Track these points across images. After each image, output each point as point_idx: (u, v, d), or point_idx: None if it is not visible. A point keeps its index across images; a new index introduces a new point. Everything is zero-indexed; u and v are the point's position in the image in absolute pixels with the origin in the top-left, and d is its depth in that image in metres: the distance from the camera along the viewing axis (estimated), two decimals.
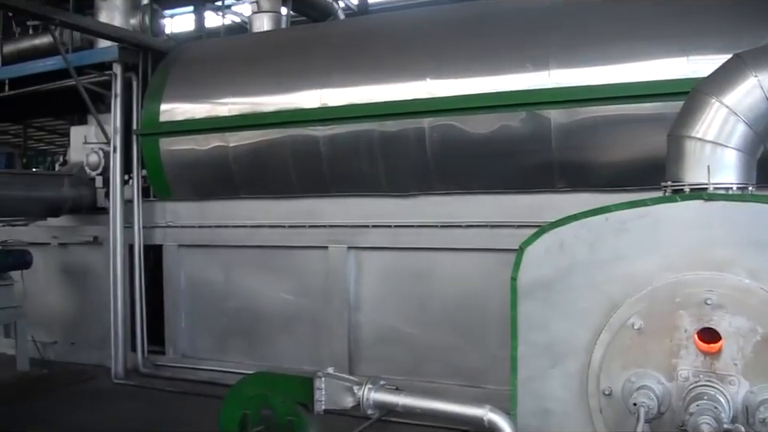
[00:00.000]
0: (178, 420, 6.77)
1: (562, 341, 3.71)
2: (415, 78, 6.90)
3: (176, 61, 8.58)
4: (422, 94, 6.81)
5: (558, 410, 3.71)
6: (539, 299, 3.78)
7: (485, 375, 6.67)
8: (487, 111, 6.53)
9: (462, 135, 6.70)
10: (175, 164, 8.22)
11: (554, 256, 3.78)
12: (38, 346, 9.12)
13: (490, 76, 6.60)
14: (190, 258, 8.35)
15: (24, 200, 8.74)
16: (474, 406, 3.51)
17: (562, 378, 3.71)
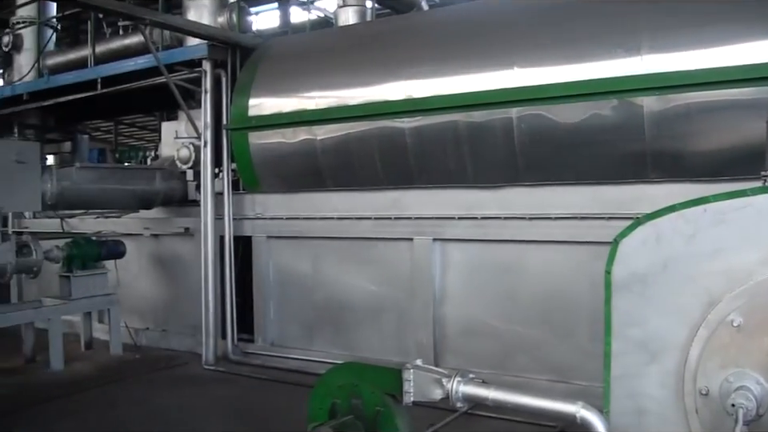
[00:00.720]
0: (267, 407, 6.91)
1: (658, 337, 3.58)
2: (502, 66, 6.80)
3: (264, 56, 8.73)
4: (509, 83, 6.69)
5: (653, 409, 3.58)
6: (635, 293, 3.66)
7: (574, 370, 6.54)
8: (577, 99, 6.37)
9: (550, 125, 6.56)
10: (264, 157, 8.38)
11: (651, 249, 3.65)
12: (130, 332, 9.50)
13: (580, 63, 6.42)
14: (278, 249, 8.50)
15: (118, 193, 9.12)
16: (566, 402, 3.44)
17: (657, 376, 3.57)
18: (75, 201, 8.80)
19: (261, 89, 8.43)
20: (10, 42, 12.27)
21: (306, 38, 9.44)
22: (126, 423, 6.46)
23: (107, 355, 9.00)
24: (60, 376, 8.16)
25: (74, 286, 8.71)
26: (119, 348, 9.07)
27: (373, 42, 8.18)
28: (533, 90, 6.55)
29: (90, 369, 8.44)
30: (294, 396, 7.00)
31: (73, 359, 8.70)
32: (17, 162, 7.92)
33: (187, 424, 6.43)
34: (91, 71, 10.21)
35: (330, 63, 8.16)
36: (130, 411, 6.82)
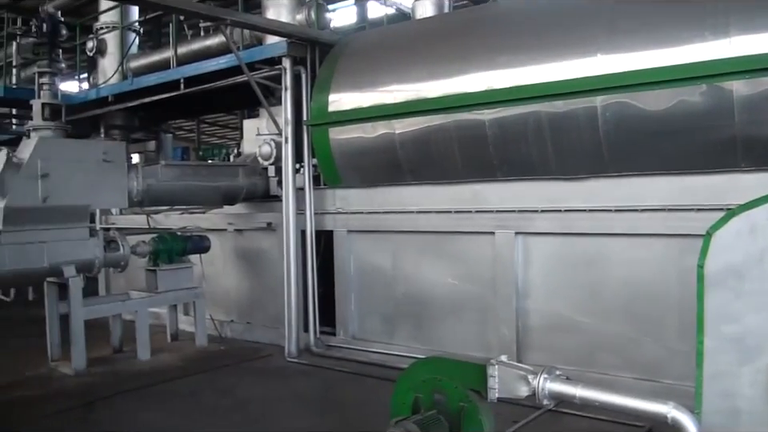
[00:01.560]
0: (350, 399, 6.96)
1: (755, 334, 3.44)
2: (585, 54, 6.63)
3: (342, 52, 8.80)
4: (592, 70, 6.53)
5: (748, 409, 3.45)
6: (729, 288, 3.52)
7: (661, 368, 6.34)
8: (663, 86, 6.17)
9: (636, 113, 6.37)
10: (344, 152, 8.45)
11: (745, 241, 3.51)
12: (215, 324, 9.75)
13: (666, 48, 6.20)
14: (358, 243, 8.55)
15: (202, 189, 9.35)
16: (656, 402, 3.33)
17: (753, 375, 3.43)
18: (161, 197, 9.06)
19: (340, 84, 8.50)
20: (95, 46, 12.75)
21: (383, 33, 9.49)
22: (211, 413, 6.61)
23: (193, 347, 9.26)
24: (146, 366, 8.44)
25: (160, 279, 9.00)
26: (204, 340, 9.32)
27: (451, 33, 8.13)
28: (617, 77, 6.37)
29: (175, 359, 8.69)
30: (375, 389, 7.08)
31: (159, 350, 8.99)
32: (104, 161, 8.22)
33: (271, 415, 6.53)
34: (174, 72, 10.51)
35: (409, 56, 8.15)
36: (214, 401, 6.98)
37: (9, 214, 7.44)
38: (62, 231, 7.90)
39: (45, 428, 6.32)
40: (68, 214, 7.94)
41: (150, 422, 6.40)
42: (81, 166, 8.05)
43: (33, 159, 7.64)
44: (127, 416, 6.58)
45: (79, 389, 7.50)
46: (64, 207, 7.86)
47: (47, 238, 7.75)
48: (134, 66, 12.35)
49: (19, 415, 6.68)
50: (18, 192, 7.52)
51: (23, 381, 7.89)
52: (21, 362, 8.59)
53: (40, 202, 7.61)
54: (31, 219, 7.63)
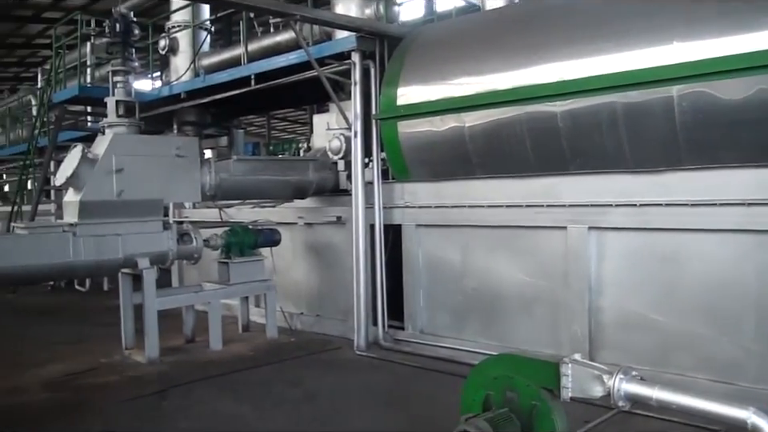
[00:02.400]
0: (419, 394, 6.92)
1: None
2: (660, 42, 6.37)
3: (411, 45, 8.74)
4: (668, 59, 6.26)
5: None
6: None
7: (739, 370, 6.09)
8: (743, 74, 5.87)
9: (714, 102, 6.09)
10: (413, 146, 8.40)
11: None
12: (285, 316, 9.86)
13: (744, 33, 5.90)
14: (427, 237, 8.47)
15: (273, 183, 9.47)
16: (736, 406, 3.20)
17: None
18: (233, 191, 9.21)
19: (409, 78, 8.45)
20: (167, 45, 13.07)
21: (452, 25, 9.38)
22: (281, 403, 6.67)
23: (263, 338, 9.38)
24: (218, 356, 8.58)
25: (232, 271, 9.15)
26: (275, 331, 9.44)
27: (521, 24, 7.97)
28: (694, 66, 6.11)
29: (246, 350, 8.81)
30: (444, 384, 7.02)
31: (230, 340, 9.14)
32: (177, 156, 8.40)
33: (340, 408, 6.55)
34: (245, 68, 10.67)
35: (478, 48, 8.04)
36: (284, 392, 7.04)
37: (85, 207, 7.71)
38: (137, 224, 8.12)
39: (120, 413, 6.50)
40: (142, 207, 8.15)
41: (221, 410, 6.51)
42: (155, 161, 8.28)
43: (108, 155, 7.89)
44: (199, 404, 6.70)
45: (152, 377, 7.70)
46: (138, 201, 8.08)
47: (122, 231, 7.98)
48: (205, 64, 12.59)
49: (95, 400, 6.89)
50: (94, 186, 7.78)
51: (99, 367, 8.16)
52: (96, 350, 8.92)
53: (115, 196, 7.86)
54: (106, 212, 7.86)
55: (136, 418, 6.35)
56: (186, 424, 6.17)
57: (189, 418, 6.33)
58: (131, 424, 6.19)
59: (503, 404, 4.15)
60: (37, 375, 7.88)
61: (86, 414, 6.50)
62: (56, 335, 10.20)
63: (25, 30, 29.11)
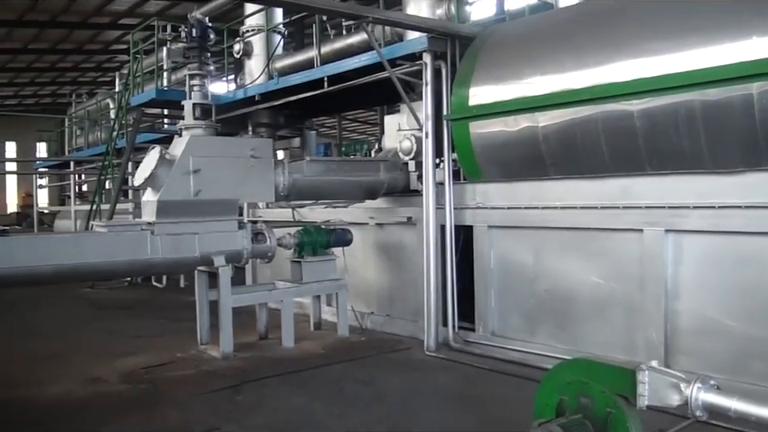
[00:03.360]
0: (490, 396, 6.87)
1: None
2: (739, 37, 6.11)
3: (483, 45, 8.67)
4: (747, 55, 6.01)
5: None
6: None
7: None
8: None
9: None
10: (485, 146, 8.33)
11: None
12: (356, 315, 9.94)
13: None
14: (499, 239, 8.40)
15: (345, 184, 9.56)
16: None
17: None
18: (305, 192, 9.33)
19: (481, 78, 8.39)
20: (241, 49, 13.33)
21: (525, 23, 9.25)
22: (352, 402, 6.72)
23: (334, 336, 9.48)
24: (291, 353, 8.72)
25: (304, 270, 9.29)
26: (346, 330, 9.53)
27: (596, 21, 7.78)
28: None
29: (318, 348, 8.90)
30: (516, 388, 6.97)
31: (302, 338, 9.26)
32: (252, 157, 8.55)
33: (411, 408, 6.55)
34: (318, 71, 10.80)
35: (552, 47, 7.90)
36: (355, 390, 7.09)
37: (162, 207, 7.92)
38: (213, 223, 8.30)
39: (197, 406, 6.66)
40: (218, 207, 8.33)
41: (294, 406, 6.61)
42: (230, 161, 8.45)
43: (185, 156, 8.10)
44: (272, 399, 6.81)
45: (226, 371, 7.86)
46: (214, 201, 8.27)
47: (199, 230, 8.17)
48: (278, 66, 12.80)
49: (172, 393, 7.10)
50: (171, 186, 7.99)
51: (175, 361, 8.39)
52: (173, 344, 9.18)
53: (192, 196, 8.06)
54: (184, 212, 8.07)
55: (211, 411, 6.50)
56: (260, 419, 6.27)
57: (263, 412, 6.44)
58: (207, 417, 6.33)
59: (577, 410, 4.07)
60: (116, 367, 8.18)
61: (164, 406, 6.70)
62: (134, 329, 10.56)
63: (102, 37, 30.18)
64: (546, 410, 4.21)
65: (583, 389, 4.05)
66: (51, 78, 39.07)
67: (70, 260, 7.36)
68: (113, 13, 26.18)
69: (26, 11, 24.93)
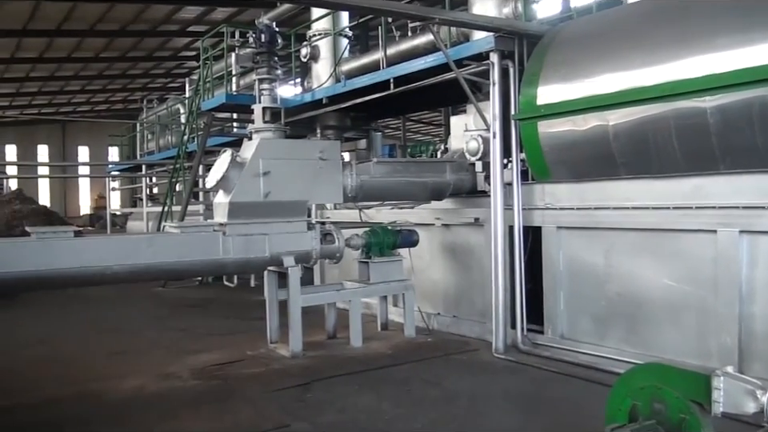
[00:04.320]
0: (560, 400, 6.80)
1: None
2: None
3: (551, 43, 8.57)
4: None
5: None
6: None
7: None
8: None
9: None
10: (553, 146, 8.23)
11: None
12: (423, 316, 9.94)
13: None
14: (568, 240, 8.27)
15: (411, 185, 9.58)
16: None
17: None
18: (372, 193, 9.40)
19: (549, 76, 8.29)
20: (308, 53, 13.51)
21: (594, 20, 9.09)
22: (420, 402, 6.73)
23: (401, 337, 9.52)
24: (358, 352, 8.80)
25: (372, 271, 9.37)
26: (413, 331, 9.55)
27: (665, 16, 7.58)
28: None
29: (385, 348, 8.96)
30: (586, 391, 6.89)
31: (370, 338, 9.33)
32: (320, 159, 8.67)
33: (479, 410, 6.54)
34: (384, 72, 10.86)
35: (621, 44, 7.76)
36: (423, 391, 7.10)
37: (234, 208, 8.10)
38: (282, 224, 8.45)
39: (267, 402, 6.79)
40: (288, 208, 8.47)
41: (362, 405, 6.67)
42: (299, 164, 8.60)
43: (255, 159, 8.27)
44: (342, 398, 6.89)
45: (296, 370, 7.98)
46: (284, 202, 8.41)
47: (269, 231, 8.32)
48: (345, 69, 12.92)
49: (243, 389, 7.26)
50: (242, 188, 8.17)
51: (245, 359, 8.58)
52: (243, 342, 9.40)
53: (262, 198, 8.21)
54: (254, 213, 8.23)
55: (281, 408, 6.61)
56: (328, 417, 6.35)
57: (331, 411, 6.52)
58: (277, 414, 6.45)
59: (650, 415, 4.01)
60: (188, 363, 8.43)
61: (235, 402, 6.85)
62: (205, 327, 10.86)
63: (171, 44, 31.05)
64: (618, 415, 4.16)
65: (657, 394, 3.99)
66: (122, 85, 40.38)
67: (144, 260, 7.59)
68: (181, 20, 26.91)
69: (96, 21, 25.82)
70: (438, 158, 12.04)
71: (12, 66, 32.15)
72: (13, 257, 6.90)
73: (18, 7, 23.08)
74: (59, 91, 40.32)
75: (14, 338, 10.65)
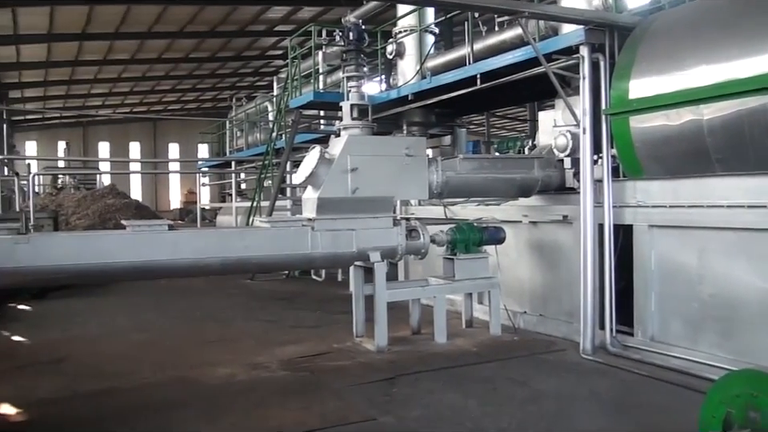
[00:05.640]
0: (650, 405, 6.61)
1: None
2: None
3: (643, 35, 8.30)
4: None
5: None
6: None
7: None
8: None
9: None
10: (645, 142, 7.99)
11: None
12: (509, 314, 9.85)
13: None
14: (661, 239, 7.95)
15: (498, 181, 9.51)
16: None
17: None
18: (458, 189, 9.37)
19: (642, 69, 8.04)
20: (394, 50, 13.60)
21: (687, 9, 8.73)
22: (506, 401, 6.67)
23: (486, 334, 9.44)
24: (443, 349, 8.78)
25: (457, 267, 9.34)
26: (498, 329, 9.47)
27: (763, 4, 7.19)
28: None
29: (469, 345, 8.90)
30: (677, 397, 6.70)
31: (454, 335, 9.29)
32: (407, 155, 8.71)
33: (567, 412, 6.44)
34: (471, 68, 10.82)
35: (717, 34, 7.43)
36: (509, 390, 7.03)
37: (322, 204, 8.23)
38: (369, 220, 8.53)
39: (354, 395, 6.87)
40: (374, 204, 8.55)
41: (448, 402, 6.65)
42: (386, 160, 8.66)
43: (343, 155, 8.38)
44: (426, 394, 6.89)
45: (381, 364, 8.05)
46: (371, 198, 8.49)
47: (356, 226, 8.42)
48: (430, 65, 12.92)
49: (330, 382, 7.37)
50: (331, 184, 8.29)
51: (331, 352, 8.70)
52: (329, 335, 9.57)
53: (349, 194, 8.32)
54: (342, 209, 8.34)
55: (368, 401, 6.67)
56: (414, 412, 6.37)
57: (417, 406, 6.53)
58: (364, 407, 6.51)
59: (745, 424, 3.89)
60: (276, 354, 8.62)
61: (322, 393, 6.97)
62: (292, 319, 11.10)
63: (259, 44, 31.83)
64: (712, 423, 4.05)
65: (752, 402, 3.87)
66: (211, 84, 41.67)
67: (236, 253, 7.80)
68: (269, 20, 27.56)
69: (186, 23, 26.70)
70: (525, 154, 11.88)
71: (105, 68, 33.66)
72: (111, 249, 7.24)
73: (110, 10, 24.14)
74: (150, 91, 42.01)
75: (114, 325, 11.18)
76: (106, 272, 7.32)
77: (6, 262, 6.64)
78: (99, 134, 52.29)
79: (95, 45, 29.03)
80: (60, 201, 22.55)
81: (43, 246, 6.96)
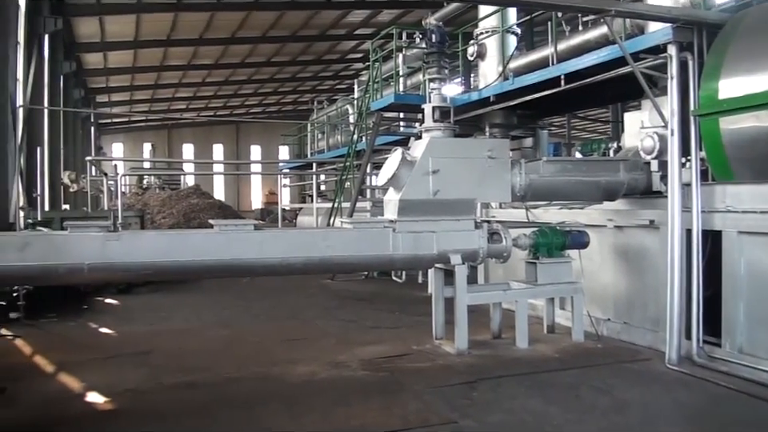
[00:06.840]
0: (736, 420, 6.38)
1: None
2: None
3: (734, 32, 7.96)
4: None
5: None
6: None
7: None
8: None
9: None
10: (736, 144, 7.68)
11: None
12: (592, 321, 9.64)
13: None
14: (751, 246, 7.57)
15: (582, 185, 9.33)
16: None
17: None
18: (542, 192, 9.25)
19: (732, 68, 7.73)
20: (475, 51, 13.53)
21: None
22: (589, 410, 6.56)
23: (568, 341, 9.31)
24: (524, 354, 8.70)
25: (539, 272, 9.23)
26: (581, 335, 9.30)
27: None
28: None
29: (551, 351, 8.80)
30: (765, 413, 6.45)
31: (535, 340, 9.20)
32: (489, 158, 8.66)
33: (650, 422, 6.28)
34: (555, 69, 10.69)
35: None
36: (592, 398, 6.91)
37: (404, 205, 8.28)
38: (450, 222, 8.54)
39: (434, 397, 6.89)
40: (456, 206, 8.55)
41: (529, 408, 6.59)
42: (468, 162, 8.64)
43: (425, 157, 8.41)
44: (508, 399, 6.85)
45: (462, 367, 8.03)
46: (452, 200, 8.50)
47: (437, 228, 8.44)
48: (512, 66, 12.80)
49: (410, 383, 7.42)
50: (412, 186, 8.34)
51: (411, 353, 8.75)
52: (409, 337, 9.61)
53: (431, 196, 8.34)
54: (423, 211, 8.37)
55: (448, 404, 6.68)
56: (495, 417, 6.34)
57: (498, 411, 6.50)
58: (444, 410, 6.52)
59: None
60: (356, 354, 8.74)
61: (403, 394, 7.03)
62: (372, 320, 11.21)
63: (339, 47, 32.24)
64: None
65: None
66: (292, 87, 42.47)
67: (319, 253, 7.95)
68: (349, 24, 27.90)
69: (268, 28, 27.26)
70: (610, 156, 11.61)
71: (189, 72, 34.72)
72: (199, 247, 7.50)
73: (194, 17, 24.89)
74: (233, 94, 43.09)
75: (198, 320, 11.56)
76: (193, 269, 7.60)
77: (98, 257, 6.99)
78: (183, 136, 53.95)
79: (180, 50, 30.04)
80: (146, 200, 23.42)
81: (134, 243, 7.28)
